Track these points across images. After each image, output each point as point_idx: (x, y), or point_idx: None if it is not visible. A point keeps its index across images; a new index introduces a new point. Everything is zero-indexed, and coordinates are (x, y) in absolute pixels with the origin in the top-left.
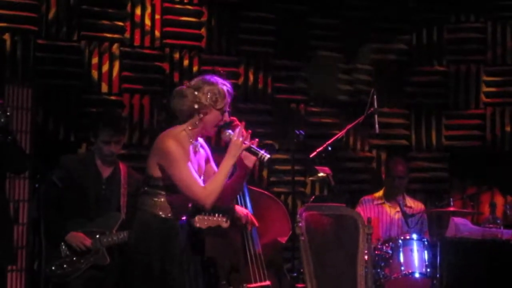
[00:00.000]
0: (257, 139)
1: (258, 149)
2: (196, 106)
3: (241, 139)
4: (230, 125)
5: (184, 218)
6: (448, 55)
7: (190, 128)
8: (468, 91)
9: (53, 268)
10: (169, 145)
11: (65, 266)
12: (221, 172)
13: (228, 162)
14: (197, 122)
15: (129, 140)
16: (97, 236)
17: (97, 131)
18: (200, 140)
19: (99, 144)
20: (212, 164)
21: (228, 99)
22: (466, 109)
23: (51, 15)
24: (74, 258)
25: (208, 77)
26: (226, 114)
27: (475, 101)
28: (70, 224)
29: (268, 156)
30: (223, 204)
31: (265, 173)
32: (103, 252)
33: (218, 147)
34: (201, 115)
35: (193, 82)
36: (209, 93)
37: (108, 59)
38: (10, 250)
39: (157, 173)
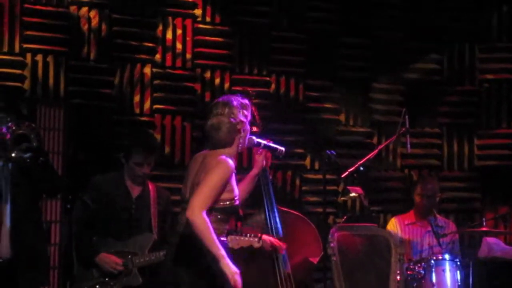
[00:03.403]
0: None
1: (274, 145)
2: (238, 127)
3: None
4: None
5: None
6: (479, 75)
7: (235, 149)
8: (500, 110)
9: None
10: (224, 161)
11: (97, 287)
12: (212, 245)
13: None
14: (240, 141)
15: (160, 161)
16: (129, 256)
17: (130, 153)
18: None
19: (131, 165)
20: None
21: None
22: (498, 128)
23: (82, 36)
24: (107, 279)
25: (226, 98)
26: None
27: (507, 120)
28: (101, 245)
29: (284, 149)
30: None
31: (296, 193)
32: (135, 273)
33: None
34: (242, 133)
35: (220, 110)
36: (240, 110)
37: (139, 80)
38: (44, 271)
39: None
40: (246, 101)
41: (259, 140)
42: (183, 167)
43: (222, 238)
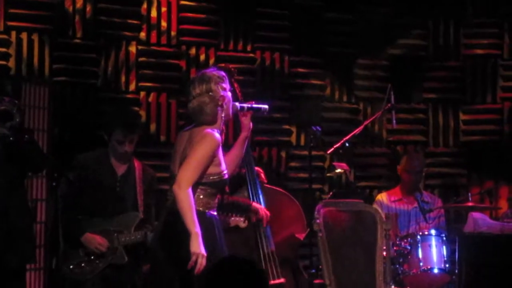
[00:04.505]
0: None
1: (257, 105)
2: (219, 102)
3: None
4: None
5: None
6: (464, 50)
7: (220, 122)
8: (485, 85)
9: (71, 267)
10: (210, 134)
11: (83, 265)
12: (190, 221)
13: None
14: (223, 114)
15: (146, 138)
16: (115, 235)
17: (111, 130)
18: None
19: (113, 143)
20: None
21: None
22: (483, 104)
23: (67, 13)
24: (92, 257)
25: (200, 74)
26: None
27: (492, 96)
28: (87, 223)
29: (267, 107)
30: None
31: (282, 169)
32: (121, 251)
33: None
34: (224, 106)
35: (198, 90)
36: (217, 84)
37: (124, 57)
38: (30, 249)
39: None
40: (221, 73)
41: (242, 104)
42: (169, 145)
43: (213, 212)
